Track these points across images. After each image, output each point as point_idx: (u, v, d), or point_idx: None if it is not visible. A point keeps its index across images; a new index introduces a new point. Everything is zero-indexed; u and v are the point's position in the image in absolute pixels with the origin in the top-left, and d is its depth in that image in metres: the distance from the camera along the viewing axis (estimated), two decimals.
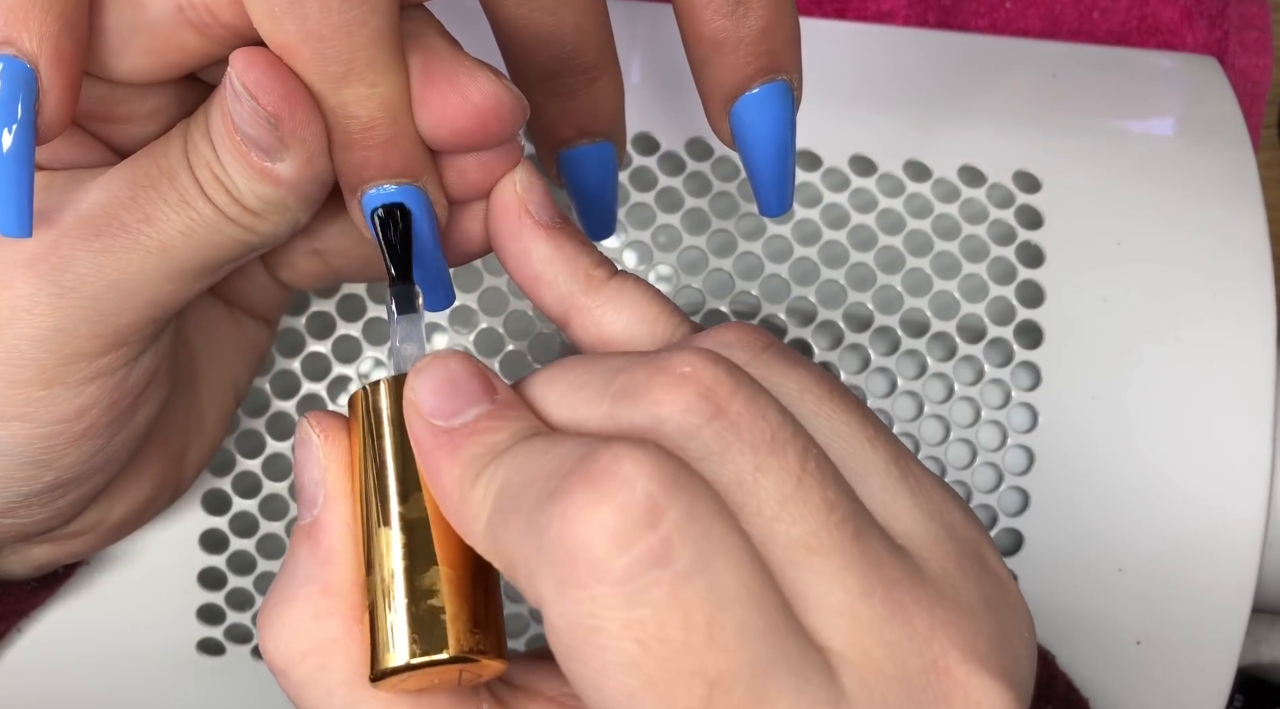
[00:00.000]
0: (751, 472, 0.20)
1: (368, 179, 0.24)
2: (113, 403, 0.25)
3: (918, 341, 0.34)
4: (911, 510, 0.21)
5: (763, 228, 0.34)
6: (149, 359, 0.25)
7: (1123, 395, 0.34)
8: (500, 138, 0.24)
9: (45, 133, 0.22)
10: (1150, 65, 0.39)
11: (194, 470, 0.30)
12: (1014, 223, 0.35)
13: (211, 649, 0.34)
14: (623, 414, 0.20)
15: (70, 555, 0.29)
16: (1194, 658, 0.34)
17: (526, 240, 0.25)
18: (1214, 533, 0.33)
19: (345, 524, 0.22)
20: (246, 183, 0.23)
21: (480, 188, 0.25)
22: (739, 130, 0.27)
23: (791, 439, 0.20)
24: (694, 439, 0.20)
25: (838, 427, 0.21)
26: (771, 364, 0.22)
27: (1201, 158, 0.36)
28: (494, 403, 0.21)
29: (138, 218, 0.23)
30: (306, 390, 0.34)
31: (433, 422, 0.21)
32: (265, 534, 0.34)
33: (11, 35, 0.21)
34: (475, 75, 0.23)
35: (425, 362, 0.22)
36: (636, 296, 0.24)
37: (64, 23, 0.22)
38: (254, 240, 0.24)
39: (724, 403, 0.20)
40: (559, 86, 0.27)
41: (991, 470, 0.34)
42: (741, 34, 0.26)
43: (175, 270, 0.24)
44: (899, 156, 0.35)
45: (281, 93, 0.22)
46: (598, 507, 0.18)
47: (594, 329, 0.24)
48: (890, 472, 0.21)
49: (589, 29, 0.26)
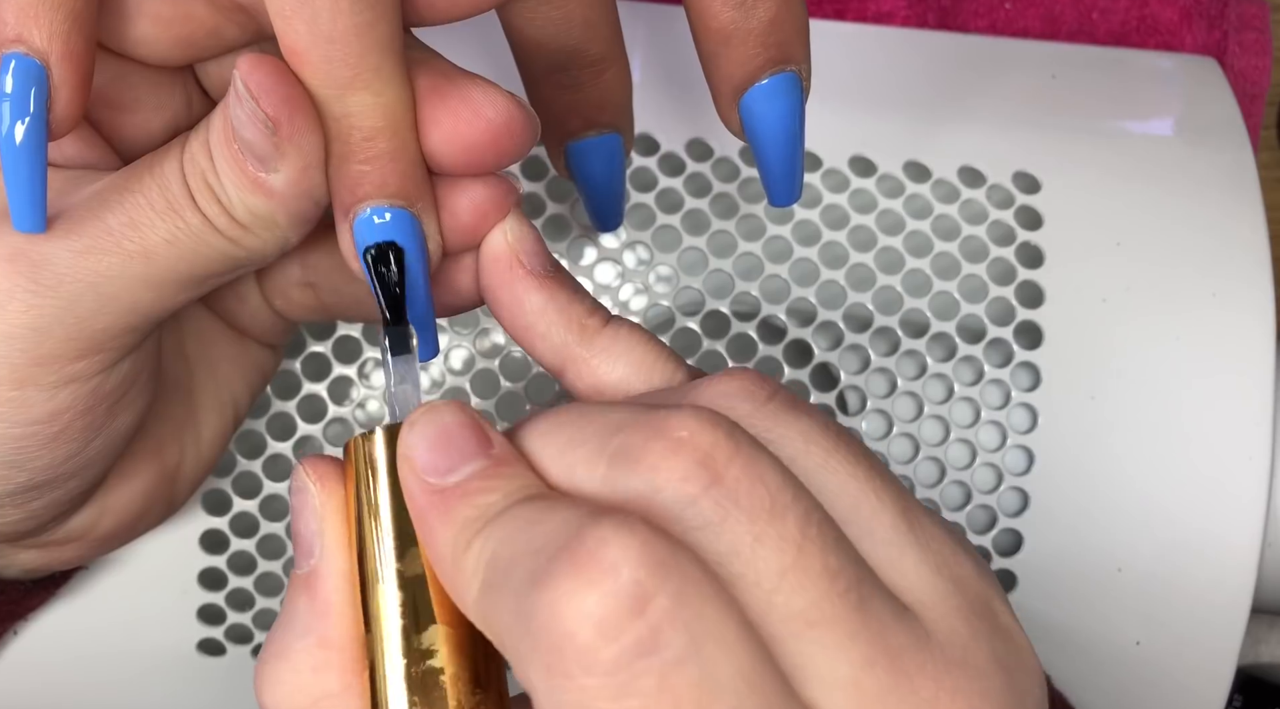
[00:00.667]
0: (749, 542, 0.19)
1: (362, 197, 0.23)
2: (87, 408, 0.24)
3: (918, 342, 0.34)
4: (918, 566, 0.20)
5: (763, 228, 0.34)
6: (127, 366, 0.25)
7: (1122, 395, 0.34)
8: (512, 156, 0.24)
9: (57, 128, 0.23)
10: (1149, 66, 0.39)
11: (188, 488, 0.29)
12: (1014, 223, 0.35)
13: (212, 649, 0.34)
14: (618, 480, 0.20)
15: (60, 563, 0.29)
16: (1193, 658, 0.34)
17: (519, 291, 0.24)
18: (1213, 533, 0.33)
19: (343, 575, 0.22)
20: (238, 193, 0.23)
21: (473, 231, 0.24)
22: (749, 121, 0.27)
23: (791, 504, 0.19)
24: (691, 508, 0.19)
25: (843, 481, 0.21)
26: (776, 415, 0.21)
27: (1201, 158, 0.36)
28: (489, 458, 0.21)
29: (122, 221, 0.23)
30: (307, 390, 0.34)
31: (426, 479, 0.21)
32: (266, 534, 0.34)
33: (23, 33, 0.22)
34: (488, 91, 0.23)
35: (419, 414, 0.21)
36: (631, 344, 0.24)
37: (74, 20, 0.22)
38: (240, 255, 0.24)
39: (721, 469, 0.19)
40: (567, 79, 0.27)
41: (991, 471, 0.34)
42: (751, 25, 0.26)
43: (156, 278, 0.23)
44: (899, 157, 0.35)
45: (283, 97, 0.22)
46: (583, 594, 0.18)
47: (590, 379, 0.24)
48: (897, 526, 0.21)
49: (597, 22, 0.27)
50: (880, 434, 0.34)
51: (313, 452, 0.34)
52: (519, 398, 0.34)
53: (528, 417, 0.22)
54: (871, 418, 0.34)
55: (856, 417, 0.34)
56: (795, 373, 0.34)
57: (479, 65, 0.34)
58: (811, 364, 0.34)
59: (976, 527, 0.34)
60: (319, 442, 0.34)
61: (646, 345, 0.24)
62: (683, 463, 0.19)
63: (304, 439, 0.34)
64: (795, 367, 0.34)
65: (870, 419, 0.34)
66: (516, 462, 0.21)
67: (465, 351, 0.34)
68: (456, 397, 0.34)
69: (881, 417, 0.34)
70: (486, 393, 0.34)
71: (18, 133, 0.22)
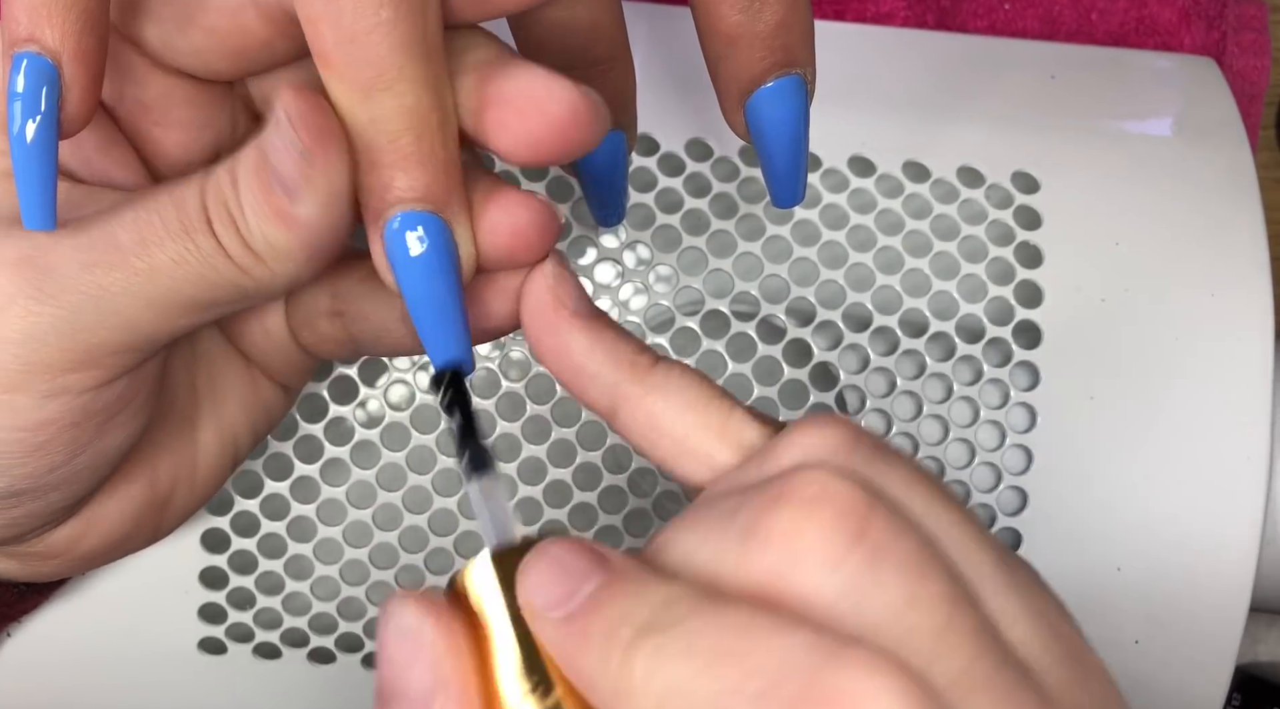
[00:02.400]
0: (905, 604, 0.18)
1: (392, 202, 0.23)
2: (75, 423, 0.24)
3: (917, 342, 0.34)
4: (1023, 614, 0.20)
5: (762, 228, 0.34)
6: (122, 386, 0.24)
7: (1121, 395, 0.34)
8: (582, 147, 0.23)
9: (68, 127, 0.23)
10: (1148, 66, 0.39)
11: (176, 519, 0.29)
12: (1013, 223, 0.35)
13: (213, 648, 0.34)
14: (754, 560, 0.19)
15: (39, 577, 0.29)
16: (1192, 657, 0.34)
17: (564, 334, 0.24)
18: (1212, 532, 0.33)
19: None
20: (258, 222, 0.23)
21: (509, 251, 0.24)
22: (754, 123, 0.28)
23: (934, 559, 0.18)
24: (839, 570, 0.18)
25: (946, 527, 0.20)
26: (871, 462, 0.20)
27: (1200, 158, 0.36)
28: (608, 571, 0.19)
29: (134, 239, 0.23)
30: (307, 390, 0.34)
31: (550, 615, 0.19)
32: (266, 533, 0.34)
33: (34, 33, 0.22)
34: (550, 83, 0.23)
35: (529, 558, 0.20)
36: (684, 383, 0.23)
37: (86, 19, 0.22)
38: (248, 285, 0.23)
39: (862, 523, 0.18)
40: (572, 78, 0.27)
41: (990, 470, 0.34)
42: (757, 29, 0.26)
43: (159, 298, 0.23)
44: (898, 157, 0.35)
45: (322, 128, 0.22)
46: None
47: (644, 418, 0.23)
48: (998, 573, 0.20)
49: (603, 22, 0.27)
50: (880, 434, 0.34)
51: (313, 451, 0.34)
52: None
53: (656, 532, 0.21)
54: (871, 417, 0.34)
55: (856, 416, 0.34)
56: (795, 372, 0.34)
57: None
58: (811, 364, 0.34)
59: None
60: (319, 441, 0.34)
61: (699, 384, 0.23)
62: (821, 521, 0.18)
63: (304, 439, 0.34)
64: (795, 366, 0.34)
65: (870, 419, 0.34)
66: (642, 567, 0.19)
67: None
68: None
69: (881, 416, 0.34)
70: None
71: (29, 131, 0.22)
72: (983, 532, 0.20)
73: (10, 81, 0.22)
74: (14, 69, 0.22)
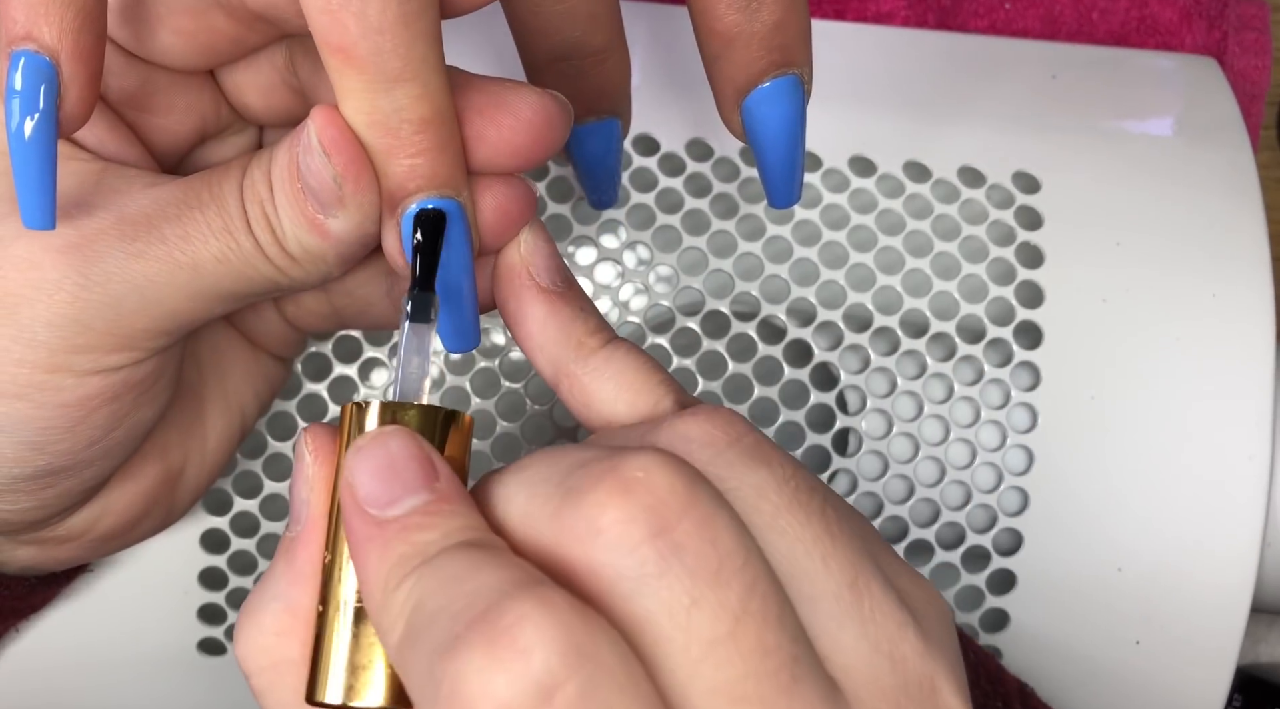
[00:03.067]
0: (686, 605, 0.19)
1: (414, 191, 0.23)
2: (115, 397, 0.25)
3: (918, 342, 0.34)
4: (857, 642, 0.20)
5: (763, 228, 0.34)
6: (154, 363, 0.25)
7: (1122, 395, 0.34)
8: (554, 148, 0.24)
9: (67, 125, 0.23)
10: (1149, 66, 0.39)
11: (188, 496, 0.29)
12: (1014, 223, 0.35)
13: (212, 649, 0.34)
14: (565, 516, 0.20)
15: (55, 562, 0.29)
16: (1193, 658, 0.34)
17: (524, 302, 0.25)
18: (1213, 533, 0.33)
19: (320, 548, 0.22)
20: (294, 230, 0.24)
21: (496, 231, 0.25)
22: (750, 123, 0.28)
23: (740, 571, 0.19)
24: (630, 556, 0.19)
25: (790, 543, 0.20)
26: (734, 465, 0.21)
27: (1201, 158, 0.36)
28: (432, 493, 0.21)
29: (178, 233, 0.24)
30: (307, 390, 0.34)
31: (367, 510, 0.21)
32: (266, 534, 0.34)
33: (33, 30, 0.22)
34: (521, 93, 0.24)
35: (366, 439, 0.21)
36: (624, 366, 0.24)
37: (84, 17, 0.22)
38: (284, 281, 0.25)
39: (671, 520, 0.19)
40: (568, 68, 0.28)
41: (991, 470, 0.34)
42: (755, 29, 0.26)
43: (200, 290, 0.24)
44: (899, 157, 0.35)
45: (353, 156, 0.23)
46: (492, 674, 0.18)
47: (581, 396, 0.24)
48: (841, 597, 0.20)
49: (600, 14, 0.27)
50: (880, 434, 0.34)
51: None
52: (519, 397, 0.34)
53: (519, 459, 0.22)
54: (871, 418, 0.34)
55: (856, 416, 0.34)
56: (795, 373, 0.34)
57: (479, 50, 0.34)
58: (811, 364, 0.34)
59: (976, 526, 0.34)
60: None
61: (639, 369, 0.24)
62: (631, 505, 0.19)
63: None
64: (795, 366, 0.34)
65: (870, 419, 0.34)
66: (460, 500, 0.21)
67: None
68: (457, 396, 0.34)
69: (881, 416, 0.34)
70: (487, 393, 0.34)
71: (27, 129, 0.22)
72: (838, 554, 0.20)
73: (8, 79, 0.22)
74: (11, 67, 0.22)
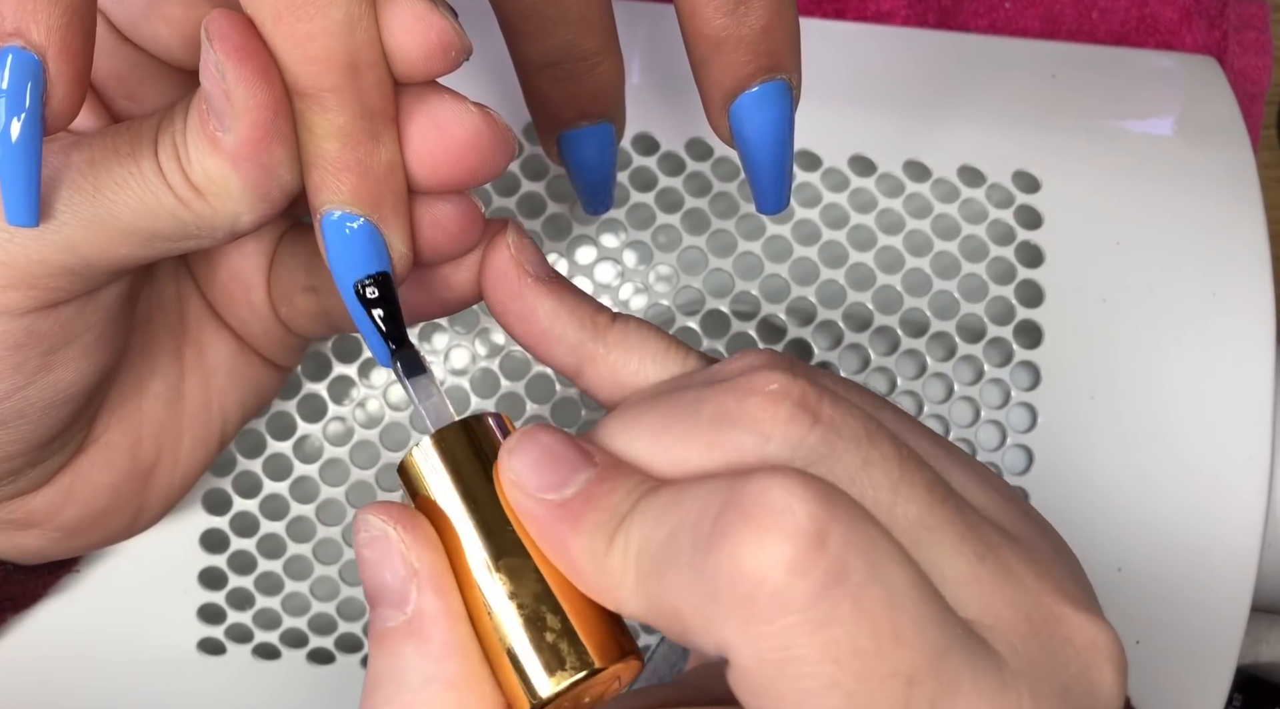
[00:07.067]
0: (861, 466, 0.20)
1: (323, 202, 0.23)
2: (17, 345, 0.24)
3: (917, 341, 0.34)
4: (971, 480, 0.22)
5: (763, 228, 0.34)
6: (67, 316, 0.25)
7: (1122, 395, 0.34)
8: (484, 173, 0.24)
9: (53, 123, 0.23)
10: (1149, 65, 0.39)
11: (158, 501, 0.29)
12: (1013, 223, 0.35)
13: (212, 649, 0.34)
14: (726, 440, 0.21)
15: (20, 552, 0.29)
16: (1193, 657, 0.34)
17: (530, 299, 0.25)
18: (1213, 533, 0.33)
19: (454, 611, 0.21)
20: (197, 152, 0.23)
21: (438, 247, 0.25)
22: (738, 128, 0.28)
23: (880, 430, 0.21)
24: (802, 447, 0.21)
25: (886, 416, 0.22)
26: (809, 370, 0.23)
27: (1201, 158, 0.36)
28: (595, 467, 0.21)
29: (84, 158, 0.23)
30: (307, 390, 0.34)
31: (543, 497, 0.21)
32: (266, 534, 0.34)
33: (20, 27, 0.22)
34: (456, 108, 0.23)
35: (515, 439, 0.22)
36: (642, 335, 0.24)
37: (72, 15, 0.22)
38: (188, 219, 0.23)
39: (816, 409, 0.21)
40: (561, 72, 0.28)
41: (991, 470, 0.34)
42: (742, 33, 0.26)
43: (98, 219, 0.23)
44: (898, 157, 0.35)
45: (236, 44, 0.22)
46: (765, 540, 0.19)
47: (608, 374, 0.24)
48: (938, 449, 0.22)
49: (592, 17, 0.27)
50: None
51: (312, 451, 0.34)
52: (519, 397, 0.34)
53: (597, 425, 0.22)
54: None
55: None
56: None
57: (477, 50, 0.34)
58: (812, 363, 0.34)
59: None
60: (319, 441, 0.34)
61: (655, 335, 0.24)
62: (785, 408, 0.21)
63: (304, 438, 0.34)
64: None
65: None
66: (622, 463, 0.22)
67: (465, 351, 0.34)
68: (457, 396, 0.34)
69: None
70: (486, 392, 0.34)
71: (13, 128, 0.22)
72: (917, 421, 0.23)
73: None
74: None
